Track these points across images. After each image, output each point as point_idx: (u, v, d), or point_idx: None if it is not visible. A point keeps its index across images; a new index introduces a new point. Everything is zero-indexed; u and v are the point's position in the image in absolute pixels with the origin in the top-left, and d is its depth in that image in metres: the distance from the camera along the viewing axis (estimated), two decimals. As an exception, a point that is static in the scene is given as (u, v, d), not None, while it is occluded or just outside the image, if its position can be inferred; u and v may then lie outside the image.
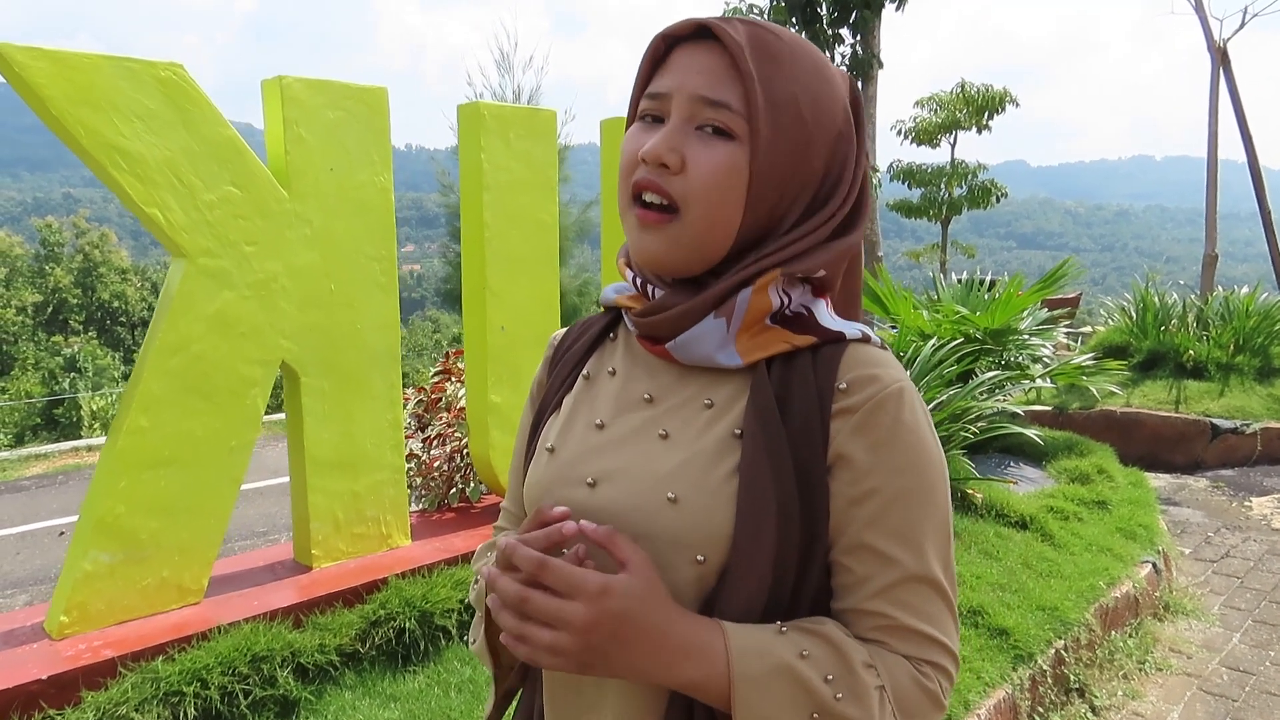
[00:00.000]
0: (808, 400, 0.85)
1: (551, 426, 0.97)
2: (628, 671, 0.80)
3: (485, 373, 3.33)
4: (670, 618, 0.79)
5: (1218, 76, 9.50)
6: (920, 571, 0.84)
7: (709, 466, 0.85)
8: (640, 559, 0.80)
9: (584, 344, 1.01)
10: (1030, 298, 5.51)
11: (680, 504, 0.84)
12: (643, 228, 0.86)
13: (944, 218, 19.37)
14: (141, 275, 37.96)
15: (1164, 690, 3.48)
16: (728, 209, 0.84)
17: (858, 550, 0.84)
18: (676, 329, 0.88)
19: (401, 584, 2.87)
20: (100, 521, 2.50)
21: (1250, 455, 6.71)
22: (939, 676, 0.85)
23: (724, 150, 0.83)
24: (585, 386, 0.98)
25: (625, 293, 0.95)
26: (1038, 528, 4.16)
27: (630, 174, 0.87)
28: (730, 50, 0.84)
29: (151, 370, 2.54)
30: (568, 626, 0.76)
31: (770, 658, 0.79)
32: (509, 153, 3.28)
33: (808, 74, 0.86)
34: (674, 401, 0.90)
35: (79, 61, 2.34)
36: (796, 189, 0.87)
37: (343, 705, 2.57)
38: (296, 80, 2.76)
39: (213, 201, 2.60)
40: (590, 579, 0.77)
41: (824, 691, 0.79)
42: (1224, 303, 7.89)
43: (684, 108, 0.85)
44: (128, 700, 2.27)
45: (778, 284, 0.87)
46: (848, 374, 0.86)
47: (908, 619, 0.83)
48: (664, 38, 0.88)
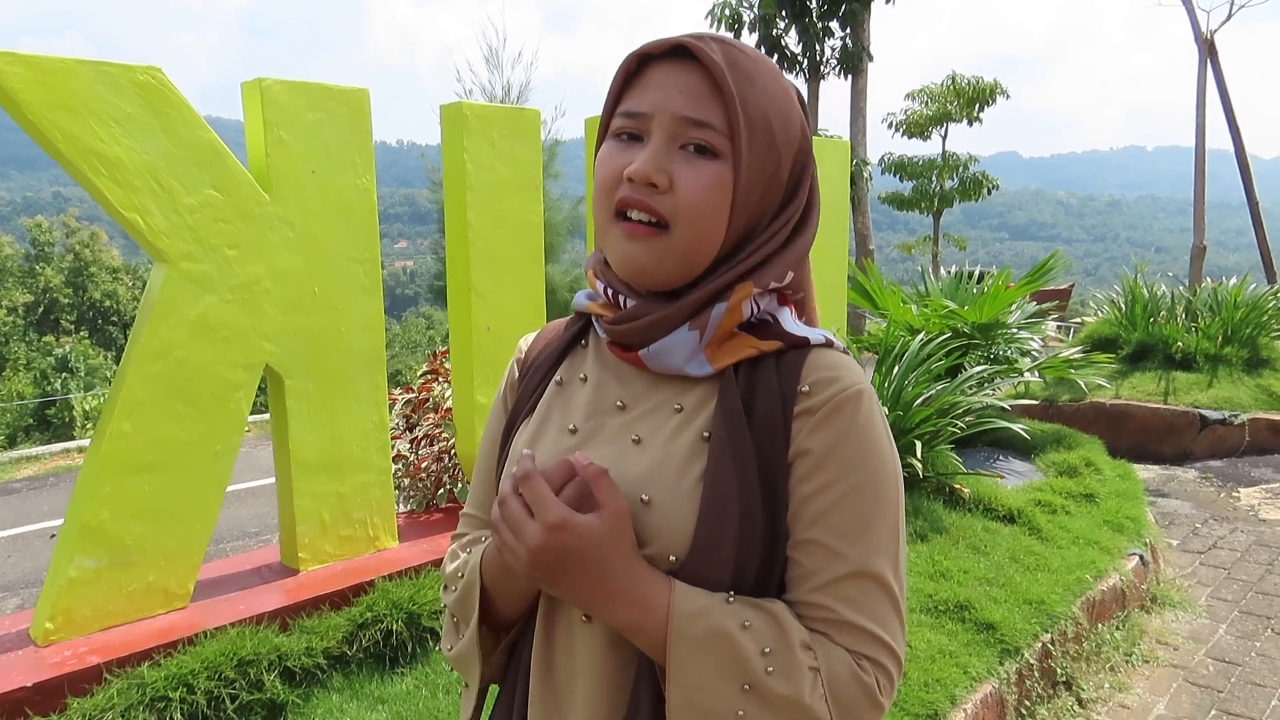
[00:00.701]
0: (771, 402, 0.88)
1: (525, 430, 0.99)
2: (569, 596, 0.86)
3: (471, 373, 3.33)
4: (622, 565, 0.84)
5: (1205, 68, 9.52)
6: (866, 568, 0.86)
7: (680, 470, 0.88)
8: (613, 507, 0.84)
9: (555, 350, 1.03)
10: (1018, 292, 5.53)
11: (653, 506, 0.87)
12: (630, 239, 0.87)
13: (936, 210, 19.38)
14: (133, 274, 37.82)
15: (1150, 682, 3.50)
16: (714, 225, 0.87)
17: (807, 544, 0.87)
18: (649, 338, 0.90)
19: (389, 586, 2.88)
20: (85, 527, 2.50)
21: (1238, 446, 6.75)
22: (877, 673, 0.86)
23: (709, 169, 0.86)
24: (557, 392, 1.00)
25: (596, 300, 0.96)
26: (1025, 521, 4.18)
27: (612, 191, 0.88)
28: (711, 70, 0.85)
29: (134, 375, 2.53)
30: (522, 540, 0.83)
31: (710, 621, 0.83)
32: (493, 153, 3.28)
33: (776, 92, 0.89)
34: (645, 407, 0.93)
35: (55, 66, 2.33)
36: (770, 201, 0.90)
37: (330, 708, 2.58)
38: (276, 82, 2.75)
39: (193, 205, 2.59)
40: (552, 508, 0.82)
41: (757, 664, 0.82)
42: (1212, 294, 7.93)
43: (667, 128, 0.86)
44: (113, 707, 2.27)
45: (751, 299, 0.89)
46: (810, 377, 0.89)
47: (850, 614, 0.85)
48: (639, 56, 0.89)
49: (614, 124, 0.90)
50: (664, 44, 0.88)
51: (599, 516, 0.83)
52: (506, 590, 0.96)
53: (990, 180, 19.10)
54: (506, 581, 0.95)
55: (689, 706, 0.83)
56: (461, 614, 1.01)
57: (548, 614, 0.95)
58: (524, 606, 0.98)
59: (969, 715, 2.85)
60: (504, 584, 0.96)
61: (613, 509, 0.84)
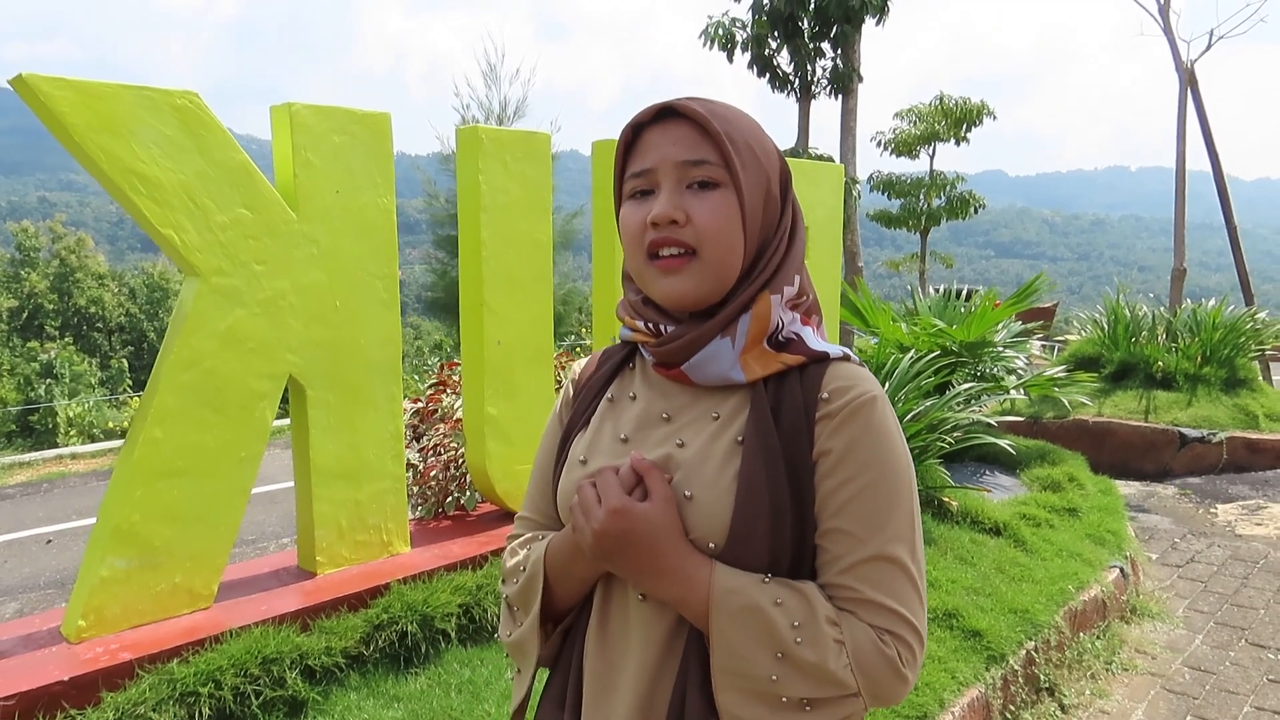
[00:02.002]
0: (796, 409, 1.02)
1: (581, 440, 1.14)
2: (625, 571, 1.03)
3: (482, 386, 3.46)
4: (670, 547, 1.00)
5: (1185, 96, 9.78)
6: (885, 552, 0.99)
7: (718, 470, 1.02)
8: (663, 496, 1.01)
9: (605, 372, 1.19)
10: (1004, 312, 5.71)
11: (694, 501, 1.02)
12: (668, 273, 1.03)
13: (923, 228, 19.61)
14: (119, 280, 37.67)
15: (1129, 689, 3.65)
16: (733, 242, 1.02)
17: (832, 533, 1.01)
18: (690, 353, 1.05)
19: (403, 589, 2.99)
20: (117, 529, 2.61)
21: (1216, 463, 6.94)
22: (898, 645, 0.98)
23: (716, 196, 1.01)
24: (609, 408, 1.15)
25: (639, 333, 1.11)
26: (1010, 534, 4.33)
27: (641, 239, 1.04)
28: (695, 119, 1.02)
29: (166, 384, 2.65)
30: (590, 521, 1.01)
31: (746, 597, 0.97)
32: (506, 175, 3.42)
33: (749, 126, 1.07)
34: (688, 418, 1.07)
35: (101, 91, 2.45)
36: (772, 214, 1.07)
37: (348, 705, 2.69)
38: (304, 106, 2.89)
39: (225, 223, 2.71)
40: (615, 497, 1.00)
41: (787, 635, 0.96)
42: (1192, 315, 8.14)
43: (672, 174, 1.02)
44: (145, 700, 2.38)
45: (774, 309, 1.05)
46: (829, 386, 1.03)
47: (871, 592, 0.98)
48: (632, 127, 1.06)
49: (626, 188, 1.06)
50: (651, 110, 1.05)
51: (652, 504, 1.00)
52: (568, 578, 1.10)
53: (977, 199, 19.35)
54: (569, 570, 1.10)
55: (730, 671, 0.97)
56: (521, 603, 1.15)
57: (604, 596, 1.10)
58: (580, 596, 1.12)
59: (956, 718, 2.99)
60: (565, 574, 1.10)
61: (663, 497, 1.00)
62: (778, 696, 0.97)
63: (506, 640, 1.19)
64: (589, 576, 1.10)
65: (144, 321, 36.08)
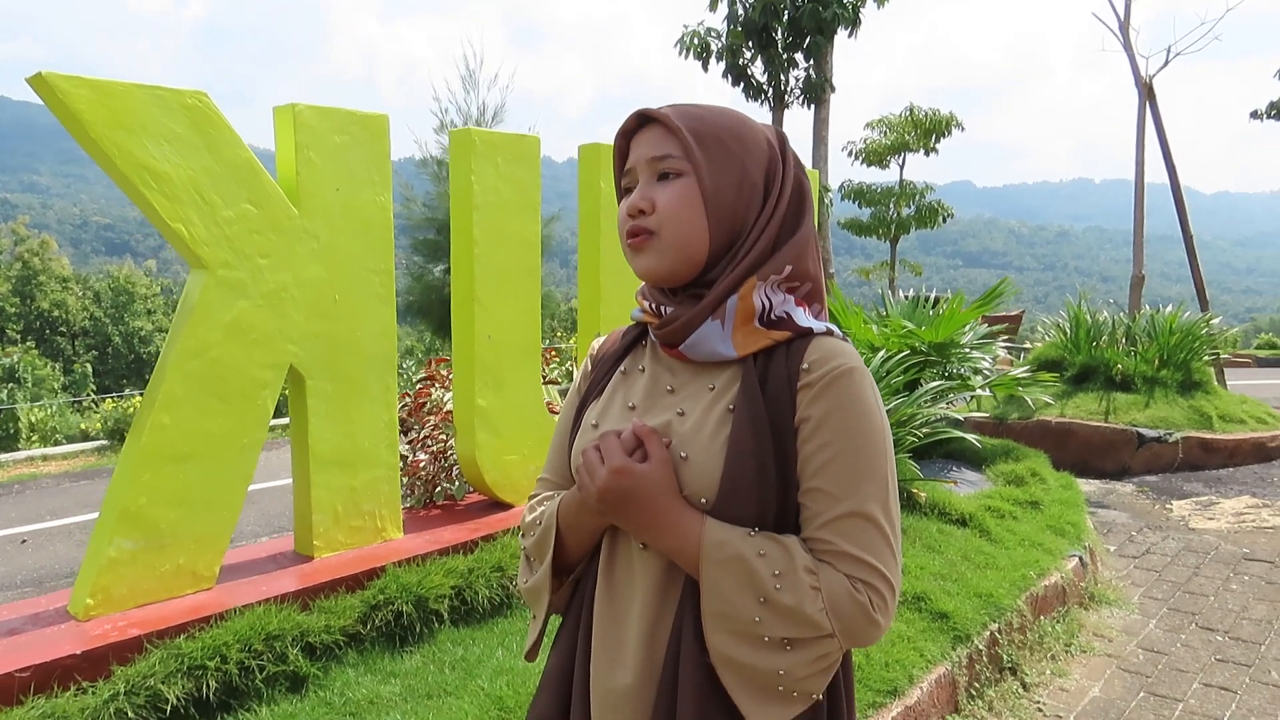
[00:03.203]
0: (780, 379, 1.14)
1: (595, 407, 1.28)
2: (626, 525, 1.15)
3: (473, 378, 3.59)
4: (666, 503, 1.12)
5: (1144, 110, 10.14)
6: (859, 509, 1.10)
7: (711, 434, 1.14)
8: (660, 457, 1.13)
9: (621, 348, 1.32)
10: (971, 314, 5.92)
11: (690, 462, 1.14)
12: (636, 252, 1.17)
13: (893, 236, 19.96)
14: (83, 284, 37.13)
15: (1087, 669, 3.84)
16: (692, 223, 1.14)
17: (812, 492, 1.12)
18: (686, 333, 1.17)
19: (398, 571, 3.11)
20: (125, 511, 2.71)
21: (1172, 462, 7.22)
22: (870, 593, 1.08)
23: (677, 185, 1.14)
24: (622, 379, 1.28)
25: (646, 314, 1.25)
26: (976, 525, 4.52)
27: (624, 228, 1.19)
28: (661, 121, 1.16)
29: (173, 372, 2.76)
30: (595, 480, 1.13)
31: (731, 549, 1.09)
32: (497, 175, 3.56)
33: (726, 119, 1.18)
34: (689, 390, 1.20)
35: (115, 89, 2.57)
36: (746, 196, 1.16)
37: (348, 681, 2.80)
38: (307, 107, 3.01)
39: (231, 218, 2.83)
40: (617, 457, 1.12)
41: (768, 582, 1.07)
42: (1150, 320, 8.43)
43: (644, 170, 1.17)
44: (155, 674, 2.48)
45: (759, 290, 1.15)
46: (811, 358, 1.14)
47: (844, 545, 1.09)
48: (621, 135, 1.21)
49: (622, 186, 1.22)
50: (632, 119, 1.20)
51: (650, 464, 1.12)
52: (578, 530, 1.24)
53: (945, 209, 19.73)
54: (578, 523, 1.23)
55: (718, 614, 1.10)
56: (537, 554, 1.29)
57: (610, 548, 1.23)
58: (588, 547, 1.26)
59: (925, 693, 3.16)
60: (575, 526, 1.24)
61: (660, 459, 1.13)
62: (760, 636, 1.08)
63: (524, 587, 1.33)
64: (596, 529, 1.23)
65: (109, 325, 35.61)
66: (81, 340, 35.26)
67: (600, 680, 1.19)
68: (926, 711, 3.16)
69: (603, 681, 1.19)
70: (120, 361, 35.26)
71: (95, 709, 2.36)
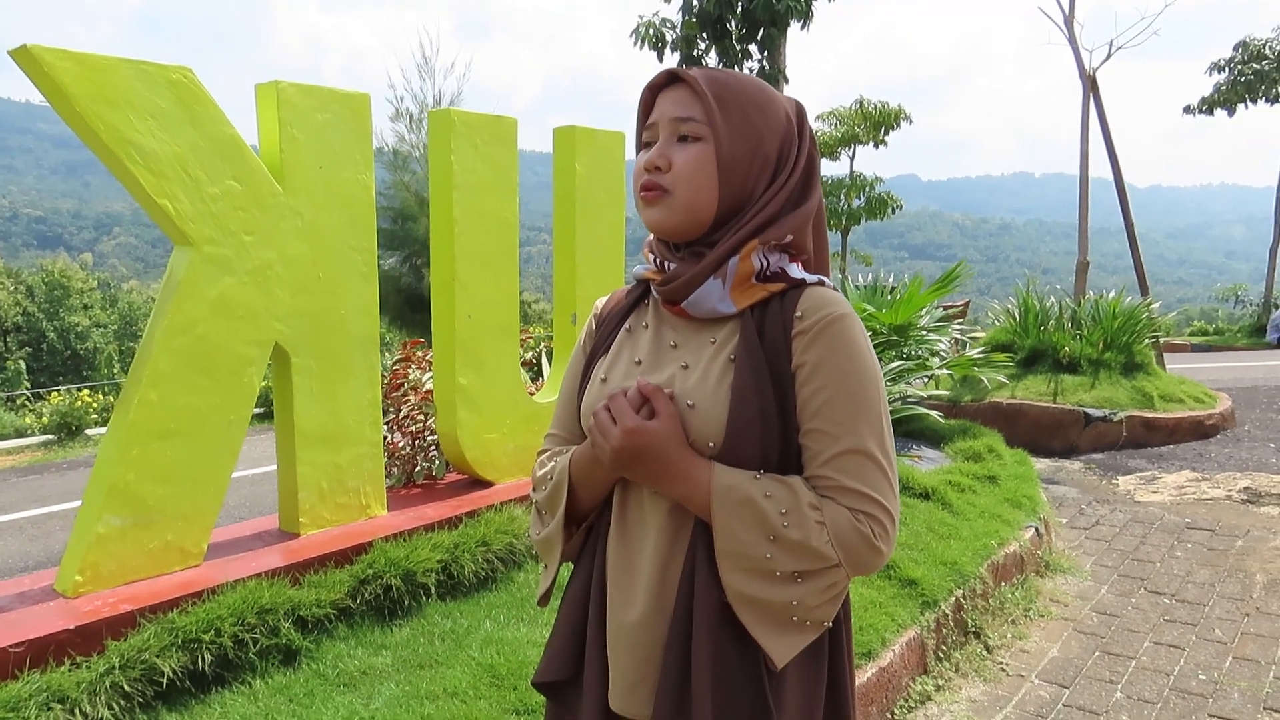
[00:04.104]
0: (776, 329, 1.20)
1: (602, 364, 1.33)
2: (640, 478, 1.21)
3: (453, 357, 3.63)
4: (679, 455, 1.18)
5: (1088, 102, 10.49)
6: (856, 446, 1.16)
7: (716, 383, 1.20)
8: (668, 413, 1.19)
9: (625, 305, 1.38)
10: (929, 297, 6.10)
11: (697, 410, 1.20)
12: (647, 205, 1.23)
13: (844, 227, 20.28)
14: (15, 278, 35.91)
15: (1045, 632, 4.03)
16: (704, 186, 1.20)
17: (812, 433, 1.18)
18: (688, 291, 1.23)
19: (385, 546, 3.14)
20: (113, 487, 2.70)
21: (1117, 440, 7.52)
22: (871, 523, 1.15)
23: (695, 149, 1.20)
24: (626, 336, 1.34)
25: (649, 269, 1.30)
26: (938, 498, 4.69)
27: (639, 180, 1.24)
28: (689, 83, 1.22)
29: (160, 348, 2.75)
30: (608, 439, 1.19)
31: (740, 493, 1.15)
32: (476, 156, 3.59)
33: (751, 90, 1.23)
34: (691, 345, 1.26)
35: (100, 63, 2.55)
36: (759, 168, 1.22)
37: (339, 653, 2.84)
38: (290, 85, 3.02)
39: (216, 194, 2.83)
40: (629, 416, 1.18)
41: (776, 520, 1.14)
42: (1094, 305, 8.75)
43: (666, 128, 1.23)
44: (149, 648, 2.49)
45: (758, 252, 1.21)
46: (804, 306, 1.20)
47: (845, 480, 1.16)
48: (649, 89, 1.26)
49: (642, 139, 1.27)
50: (662, 76, 1.25)
51: (659, 421, 1.18)
52: (590, 483, 1.29)
53: (894, 200, 20.11)
54: (591, 477, 1.29)
55: (731, 554, 1.16)
56: (549, 506, 1.34)
57: (622, 497, 1.29)
58: (600, 498, 1.32)
59: (896, 655, 3.30)
60: (588, 479, 1.30)
61: (668, 414, 1.19)
62: (773, 572, 1.15)
63: (536, 539, 1.38)
64: (608, 481, 1.29)
65: (43, 321, 34.52)
66: (14, 336, 34.11)
67: (616, 616, 1.25)
68: (898, 672, 3.30)
69: (618, 618, 1.24)
70: (56, 358, 34.20)
71: (91, 683, 2.36)
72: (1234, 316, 21.92)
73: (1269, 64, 18.52)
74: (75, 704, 2.30)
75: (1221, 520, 5.57)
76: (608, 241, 4.17)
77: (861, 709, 3.09)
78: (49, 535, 6.62)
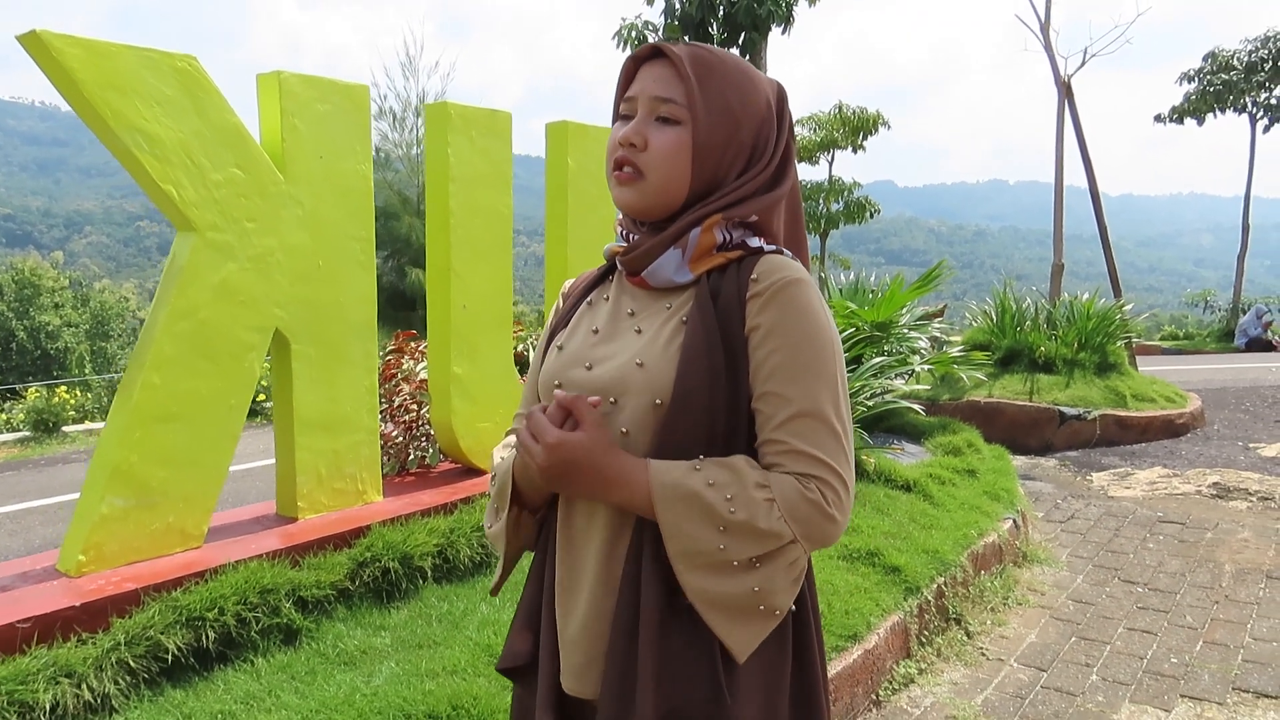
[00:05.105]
0: (731, 293, 1.17)
1: (562, 335, 1.32)
2: (576, 492, 1.18)
3: (448, 347, 3.68)
4: (609, 461, 1.13)
5: (1063, 108, 10.71)
6: (810, 409, 1.13)
7: (666, 343, 1.18)
8: (593, 420, 1.15)
9: (588, 282, 1.38)
10: (910, 295, 6.23)
11: (645, 367, 1.17)
12: (620, 184, 1.21)
13: (822, 231, 20.46)
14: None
15: (1023, 619, 4.14)
16: (678, 171, 1.18)
17: (765, 396, 1.15)
18: (648, 260, 1.22)
19: (383, 530, 3.19)
20: (116, 469, 2.73)
21: (1091, 438, 7.68)
22: (822, 489, 1.11)
23: (672, 133, 1.18)
24: (587, 309, 1.33)
25: (618, 245, 1.29)
26: (920, 490, 4.80)
27: (613, 154, 1.22)
28: (674, 62, 1.19)
29: (163, 332, 2.79)
30: (534, 458, 1.15)
31: (682, 489, 1.11)
32: (472, 149, 3.66)
33: (735, 76, 1.20)
34: (647, 313, 1.25)
35: (107, 50, 2.59)
36: (732, 156, 1.20)
37: (339, 634, 2.88)
38: (292, 75, 3.07)
39: (219, 181, 2.87)
40: (550, 433, 1.13)
41: (722, 508, 1.10)
42: (1069, 306, 8.93)
43: (645, 106, 1.20)
44: (154, 625, 2.53)
45: (721, 225, 1.20)
46: (759, 271, 1.18)
47: (797, 444, 1.12)
48: (633, 59, 1.24)
49: (620, 110, 1.24)
50: (647, 49, 1.22)
51: (583, 430, 1.13)
52: (532, 491, 1.28)
53: (872, 205, 20.32)
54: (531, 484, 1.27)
55: (685, 554, 1.12)
56: (497, 503, 1.33)
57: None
58: (548, 496, 1.29)
59: (881, 638, 3.39)
60: (530, 487, 1.28)
61: (592, 423, 1.14)
62: (729, 562, 1.10)
63: (488, 531, 1.36)
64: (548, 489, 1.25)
65: (13, 320, 34.00)
66: (-28, 335, 33.54)
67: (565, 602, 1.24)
68: (883, 655, 3.39)
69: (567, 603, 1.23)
70: (25, 357, 33.69)
71: (97, 658, 2.39)
72: (1203, 322, 22.36)
73: (1237, 74, 18.95)
74: (82, 679, 2.34)
75: (1192, 514, 5.73)
76: (599, 235, 4.24)
77: (847, 690, 3.18)
78: (28, 530, 6.58)
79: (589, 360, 1.23)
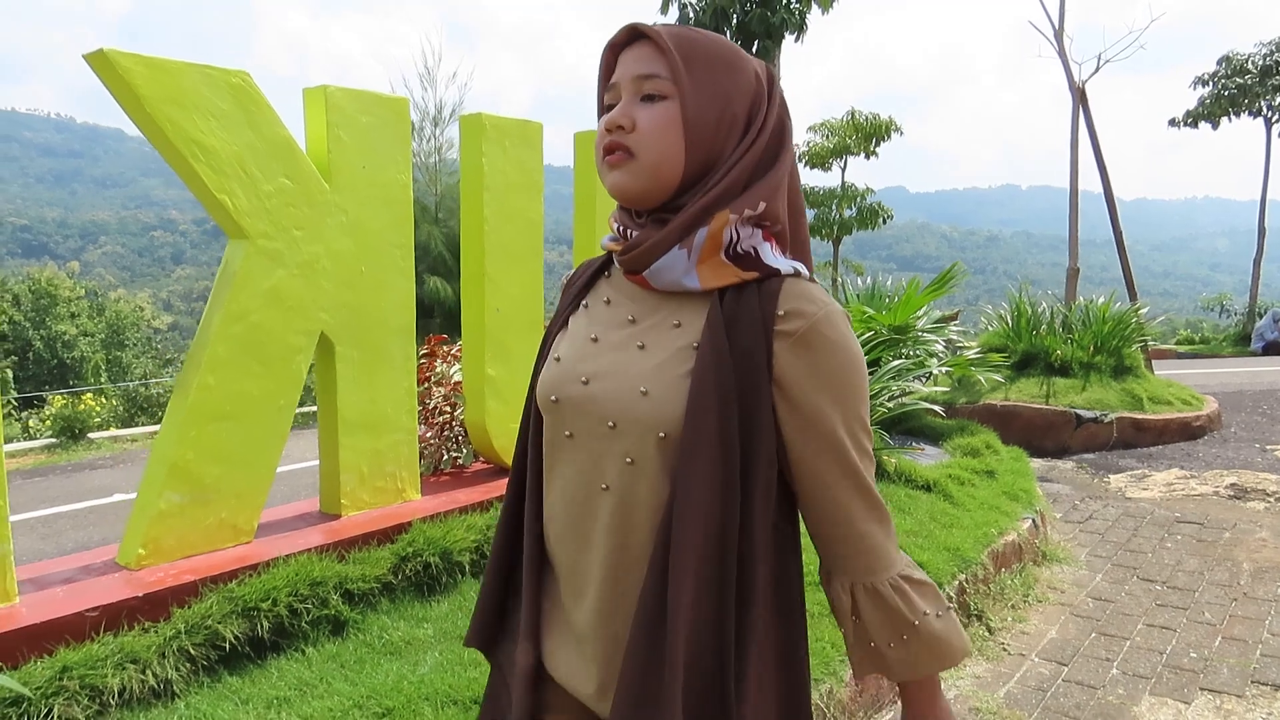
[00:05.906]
0: (753, 323, 1.08)
1: (559, 341, 1.24)
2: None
3: (483, 349, 3.80)
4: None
5: (1078, 114, 10.78)
6: (865, 510, 1.11)
7: (673, 369, 1.09)
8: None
9: (584, 279, 1.28)
10: (927, 297, 6.32)
11: (649, 396, 1.09)
12: (610, 169, 1.12)
13: (835, 237, 20.54)
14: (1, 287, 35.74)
15: (1044, 616, 4.22)
16: (670, 148, 1.09)
17: (804, 464, 1.10)
18: (649, 259, 1.12)
19: (423, 526, 3.31)
20: (173, 466, 2.86)
21: (1108, 441, 7.74)
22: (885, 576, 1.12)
23: (660, 108, 1.09)
24: (585, 312, 1.24)
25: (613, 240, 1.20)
26: (940, 490, 4.89)
27: (601, 142, 1.14)
28: (654, 39, 1.11)
29: (217, 335, 2.92)
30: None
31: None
32: (505, 158, 3.78)
33: (718, 47, 1.12)
34: (650, 322, 1.15)
35: (169, 67, 2.73)
36: (726, 128, 1.11)
37: (384, 625, 3.00)
38: (338, 89, 3.20)
39: (270, 191, 3.00)
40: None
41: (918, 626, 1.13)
42: (1085, 310, 8.99)
43: (629, 87, 1.12)
44: (212, 615, 2.65)
45: (730, 225, 1.10)
46: (786, 304, 1.08)
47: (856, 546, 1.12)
48: (610, 48, 1.16)
49: (605, 101, 1.17)
50: (624, 32, 1.14)
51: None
52: None
53: (885, 210, 20.39)
54: None
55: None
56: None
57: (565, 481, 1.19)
58: None
59: (906, 632, 3.48)
60: None
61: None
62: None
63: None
64: None
65: (29, 330, 34.38)
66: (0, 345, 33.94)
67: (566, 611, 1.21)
68: (908, 648, 3.48)
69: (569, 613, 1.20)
70: (42, 367, 34.04)
71: (160, 645, 2.52)
72: (1219, 326, 22.30)
73: (1251, 78, 18.95)
74: (146, 664, 2.46)
75: (1209, 514, 5.79)
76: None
77: (873, 683, 3.27)
78: (59, 534, 6.73)
79: (586, 374, 1.15)
